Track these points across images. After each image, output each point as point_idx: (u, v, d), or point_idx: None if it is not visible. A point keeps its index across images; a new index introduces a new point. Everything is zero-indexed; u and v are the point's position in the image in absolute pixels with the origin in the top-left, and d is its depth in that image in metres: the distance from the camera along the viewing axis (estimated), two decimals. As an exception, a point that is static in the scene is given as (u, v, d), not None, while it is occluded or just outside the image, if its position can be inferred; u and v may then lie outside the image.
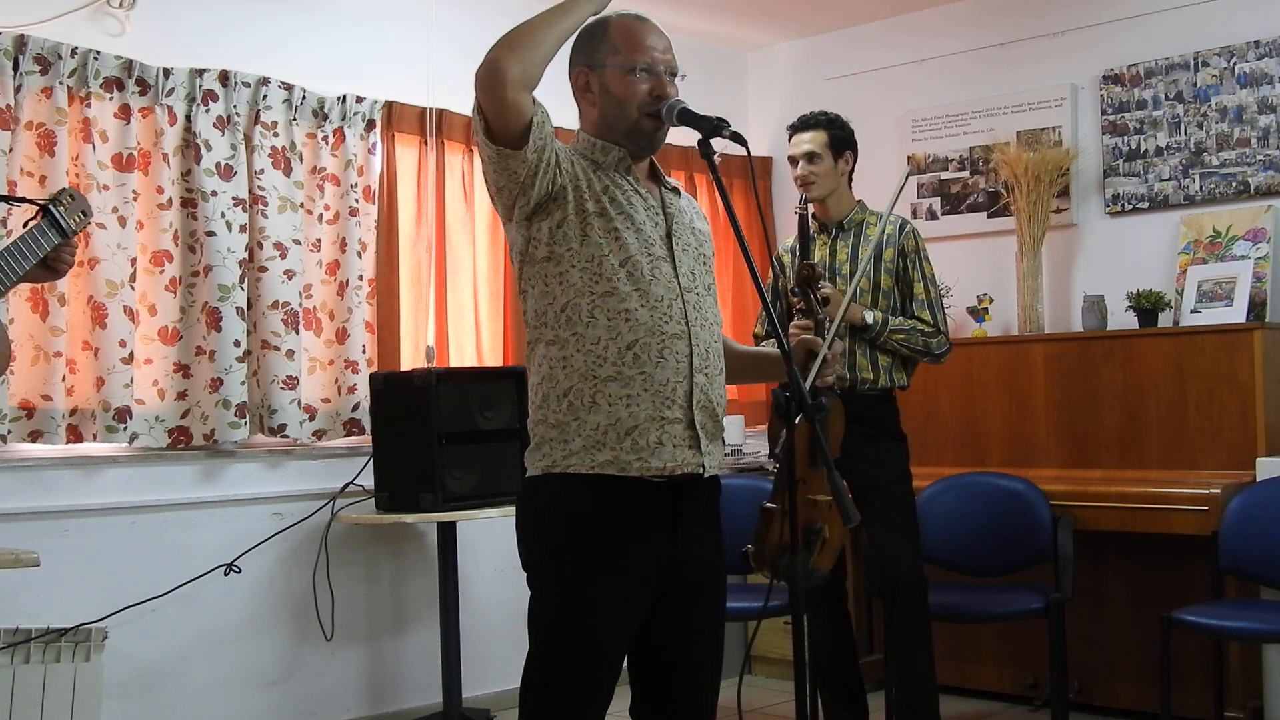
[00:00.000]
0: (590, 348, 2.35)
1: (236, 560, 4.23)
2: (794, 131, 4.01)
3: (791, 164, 4.00)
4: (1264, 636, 3.96)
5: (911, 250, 3.97)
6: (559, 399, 2.37)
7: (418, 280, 4.84)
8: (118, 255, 4.08)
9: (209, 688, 4.25)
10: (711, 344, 2.46)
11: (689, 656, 2.48)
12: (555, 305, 2.38)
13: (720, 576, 2.55)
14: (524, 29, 2.32)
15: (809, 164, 3.94)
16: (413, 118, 4.82)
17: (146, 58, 4.16)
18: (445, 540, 4.41)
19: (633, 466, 2.34)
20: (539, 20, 2.34)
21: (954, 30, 5.48)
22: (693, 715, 2.50)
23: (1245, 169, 4.74)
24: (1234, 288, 4.62)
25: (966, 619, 4.33)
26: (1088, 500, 4.41)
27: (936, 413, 4.95)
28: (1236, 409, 4.37)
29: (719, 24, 5.71)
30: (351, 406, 4.60)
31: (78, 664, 3.67)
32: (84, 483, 4.07)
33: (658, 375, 2.36)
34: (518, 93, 2.29)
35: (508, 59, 2.27)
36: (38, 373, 3.95)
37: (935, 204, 5.51)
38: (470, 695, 4.54)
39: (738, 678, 5.01)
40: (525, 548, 2.45)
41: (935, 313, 3.96)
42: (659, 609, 2.42)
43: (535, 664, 2.40)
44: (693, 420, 2.39)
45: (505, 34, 2.31)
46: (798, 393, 2.29)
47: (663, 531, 2.39)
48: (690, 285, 2.44)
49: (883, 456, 3.88)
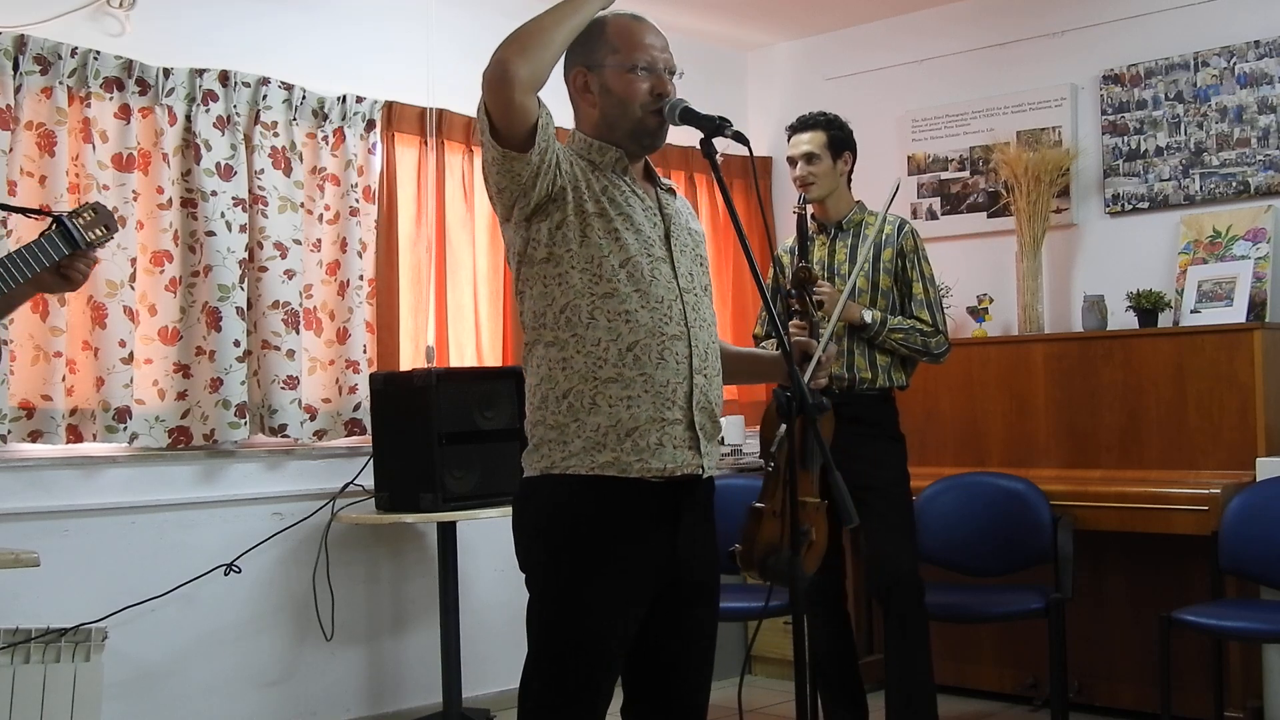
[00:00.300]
0: (590, 349, 2.35)
1: (236, 560, 4.23)
2: (793, 132, 4.01)
3: (791, 164, 4.00)
4: (1264, 636, 3.96)
5: (910, 250, 3.97)
6: (558, 400, 2.37)
7: (418, 280, 4.84)
8: (118, 255, 4.08)
9: (209, 688, 4.25)
10: (710, 345, 2.46)
11: (687, 657, 2.48)
12: (554, 307, 2.38)
13: (715, 577, 2.55)
14: (532, 28, 2.28)
15: (808, 164, 3.94)
16: (413, 118, 4.82)
17: (146, 58, 4.16)
18: (445, 540, 4.41)
19: (633, 468, 2.34)
20: (547, 19, 2.30)
21: (954, 30, 5.48)
22: (689, 715, 2.50)
23: (1245, 169, 4.74)
24: (1234, 288, 4.62)
25: (966, 619, 4.34)
26: (1088, 500, 4.41)
27: (936, 413, 4.95)
28: (1236, 409, 4.37)
29: (719, 24, 5.70)
30: (352, 406, 4.60)
31: (78, 664, 3.67)
32: (84, 483, 4.07)
33: (658, 376, 2.35)
34: (526, 95, 2.26)
35: (517, 60, 2.24)
36: (38, 373, 3.95)
37: (935, 204, 5.51)
38: (470, 695, 4.54)
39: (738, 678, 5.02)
40: (523, 549, 2.45)
41: (934, 312, 3.96)
42: (658, 610, 2.42)
43: (534, 665, 2.40)
44: (693, 421, 2.39)
45: (512, 34, 2.28)
46: (798, 393, 2.28)
47: (661, 532, 2.39)
48: (689, 286, 2.44)
49: (880, 457, 3.88)
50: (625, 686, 2.51)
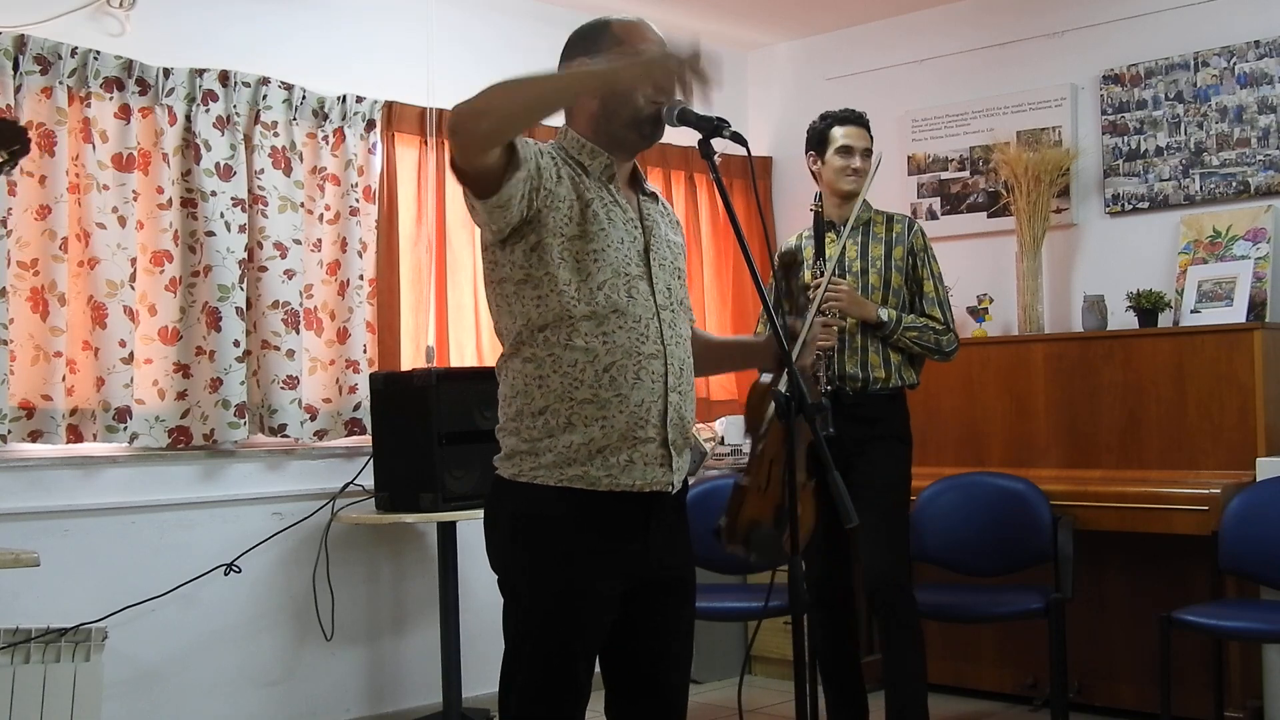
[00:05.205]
0: (567, 370, 2.34)
1: (236, 560, 4.23)
2: (853, 124, 4.00)
3: (846, 154, 3.96)
4: (1264, 636, 3.96)
5: (920, 249, 3.99)
6: (534, 416, 2.37)
7: (418, 280, 4.84)
8: (118, 255, 4.08)
9: (209, 688, 4.25)
10: (685, 360, 2.46)
11: (666, 653, 2.50)
12: (531, 325, 2.37)
13: (690, 574, 2.56)
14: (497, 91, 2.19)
15: (864, 159, 3.95)
16: (413, 118, 4.82)
17: (146, 58, 4.16)
18: (445, 540, 4.41)
19: (602, 483, 2.35)
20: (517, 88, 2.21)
21: (954, 30, 5.48)
22: (669, 711, 2.52)
23: (1245, 169, 4.74)
24: (1234, 288, 4.62)
25: (966, 619, 4.34)
26: (1088, 500, 4.40)
27: (936, 413, 4.94)
28: (1236, 409, 4.37)
29: (719, 24, 5.71)
30: (352, 406, 4.60)
31: (78, 664, 3.67)
32: (84, 483, 4.07)
33: (633, 397, 2.35)
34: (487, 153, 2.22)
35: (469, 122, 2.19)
36: (38, 373, 3.95)
37: (935, 204, 5.51)
38: (470, 695, 4.54)
39: (738, 678, 5.03)
40: (494, 549, 2.46)
41: (944, 310, 3.98)
42: (633, 607, 2.43)
43: (511, 667, 2.42)
44: (666, 439, 2.39)
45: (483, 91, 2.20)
46: (798, 393, 2.29)
47: (630, 534, 2.40)
48: (666, 303, 2.44)
49: (882, 458, 3.87)
50: (606, 684, 2.53)
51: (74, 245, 4.02)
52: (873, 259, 3.93)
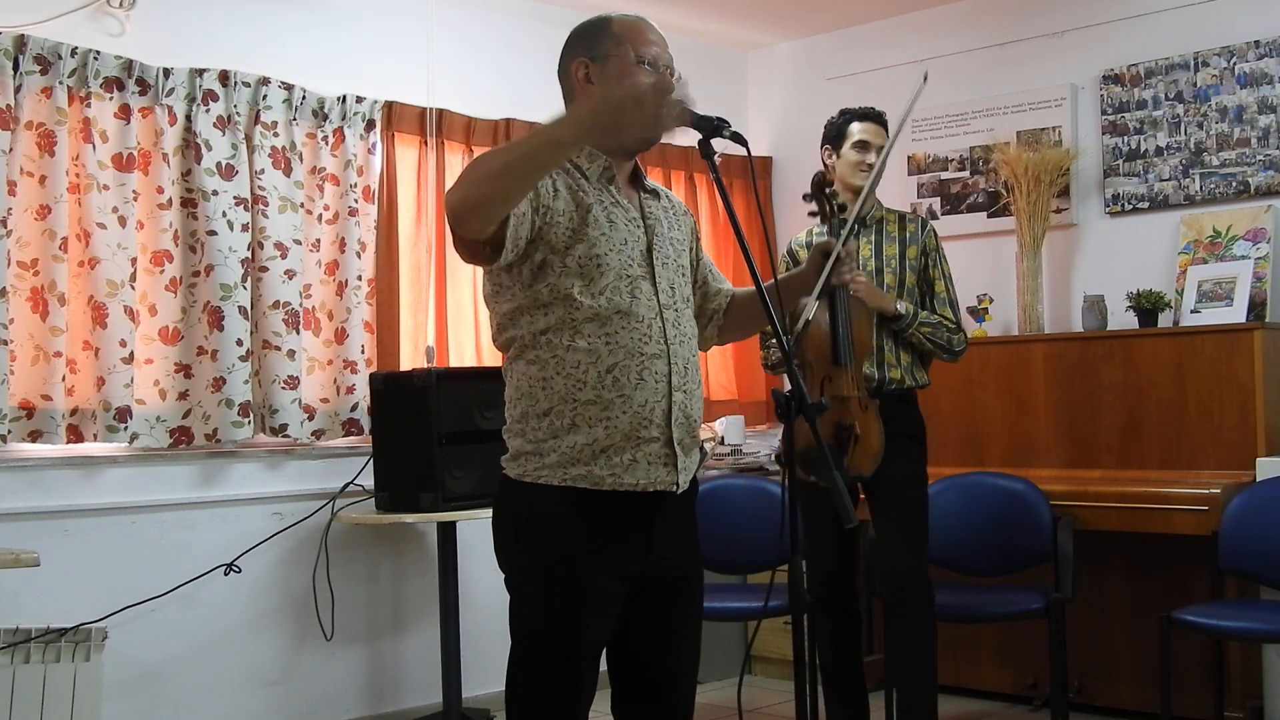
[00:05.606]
0: (570, 371, 2.35)
1: (236, 560, 4.23)
2: (869, 120, 4.01)
3: (862, 149, 3.96)
4: (1264, 636, 3.96)
5: (932, 248, 4.01)
6: (539, 418, 2.38)
7: (418, 280, 4.84)
8: (118, 255, 4.08)
9: (209, 688, 4.25)
10: (690, 359, 2.46)
11: (672, 652, 2.50)
12: (534, 329, 2.38)
13: (697, 574, 2.56)
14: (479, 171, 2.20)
15: (877, 155, 3.96)
16: (413, 118, 4.82)
17: (146, 58, 4.16)
18: (445, 540, 4.41)
19: (605, 482, 2.35)
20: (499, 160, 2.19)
21: (954, 30, 5.48)
22: (674, 710, 2.53)
23: (1245, 169, 4.74)
24: (1234, 288, 4.62)
25: (966, 619, 4.33)
26: (1088, 500, 4.40)
27: (936, 413, 4.92)
28: (1236, 409, 4.37)
29: (719, 24, 5.71)
30: (349, 407, 4.60)
31: (78, 664, 3.67)
32: (84, 483, 4.07)
33: (636, 397, 2.36)
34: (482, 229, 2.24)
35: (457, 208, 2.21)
36: (38, 373, 3.95)
37: (935, 204, 5.51)
38: (470, 695, 4.54)
39: (738, 678, 5.03)
40: (501, 547, 2.47)
41: (955, 310, 4.01)
42: (638, 607, 2.44)
43: (516, 666, 2.43)
44: (670, 438, 2.39)
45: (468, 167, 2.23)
46: (798, 392, 2.29)
47: (635, 534, 2.40)
48: (669, 302, 2.44)
49: (897, 456, 3.86)
50: (613, 683, 2.53)
51: (74, 245, 4.02)
52: (887, 258, 3.94)
